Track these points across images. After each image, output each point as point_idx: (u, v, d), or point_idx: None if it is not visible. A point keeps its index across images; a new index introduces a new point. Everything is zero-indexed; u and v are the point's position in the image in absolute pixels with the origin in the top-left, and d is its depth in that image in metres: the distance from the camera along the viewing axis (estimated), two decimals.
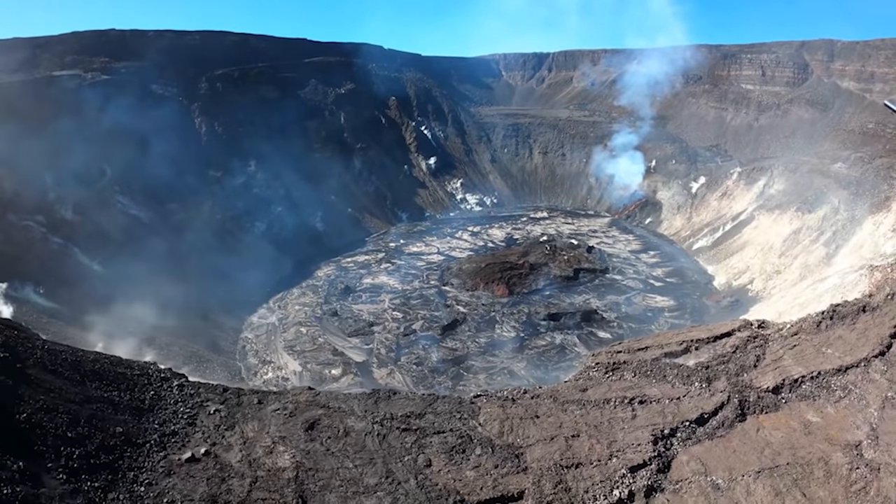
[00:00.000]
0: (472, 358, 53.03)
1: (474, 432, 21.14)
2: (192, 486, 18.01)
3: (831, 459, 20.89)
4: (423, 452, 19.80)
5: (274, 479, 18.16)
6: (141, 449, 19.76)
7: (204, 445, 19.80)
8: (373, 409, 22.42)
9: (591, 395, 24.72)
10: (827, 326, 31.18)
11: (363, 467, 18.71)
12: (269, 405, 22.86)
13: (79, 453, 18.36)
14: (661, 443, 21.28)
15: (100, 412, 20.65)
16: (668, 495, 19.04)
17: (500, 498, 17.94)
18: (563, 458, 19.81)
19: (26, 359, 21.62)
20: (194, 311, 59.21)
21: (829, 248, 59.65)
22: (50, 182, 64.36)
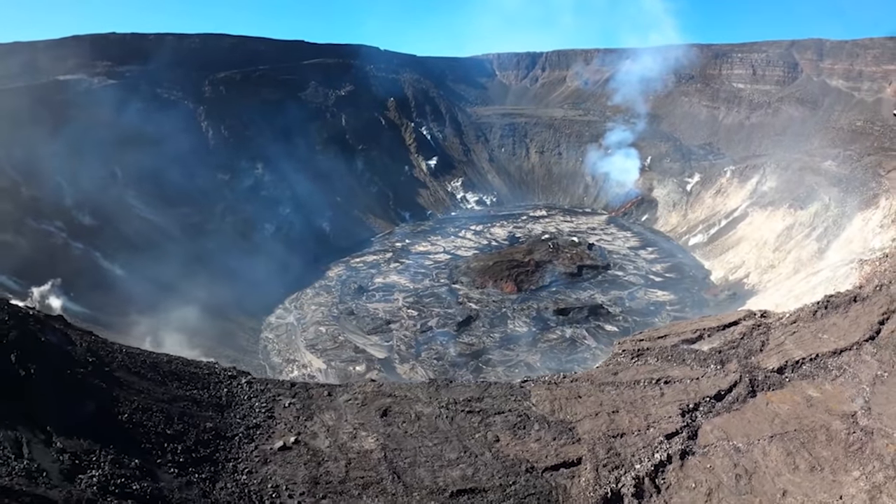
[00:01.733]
0: (490, 352, 56.88)
1: (529, 411, 25.12)
2: (291, 471, 20.87)
3: (831, 426, 25.02)
4: (490, 430, 23.69)
5: (365, 460, 21.49)
6: (231, 442, 22.38)
7: (290, 435, 22.75)
8: (436, 396, 26.29)
9: (622, 377, 28.88)
10: (822, 315, 35.45)
11: (441, 445, 22.49)
12: (339, 396, 26.42)
13: (180, 449, 20.77)
14: (687, 415, 25.40)
15: (188, 410, 23.23)
16: (699, 458, 23.14)
17: (563, 463, 21.86)
18: (609, 430, 23.89)
19: (110, 362, 23.98)
20: (216, 312, 61.70)
21: (820, 244, 63.98)
22: (66, 187, 66.46)
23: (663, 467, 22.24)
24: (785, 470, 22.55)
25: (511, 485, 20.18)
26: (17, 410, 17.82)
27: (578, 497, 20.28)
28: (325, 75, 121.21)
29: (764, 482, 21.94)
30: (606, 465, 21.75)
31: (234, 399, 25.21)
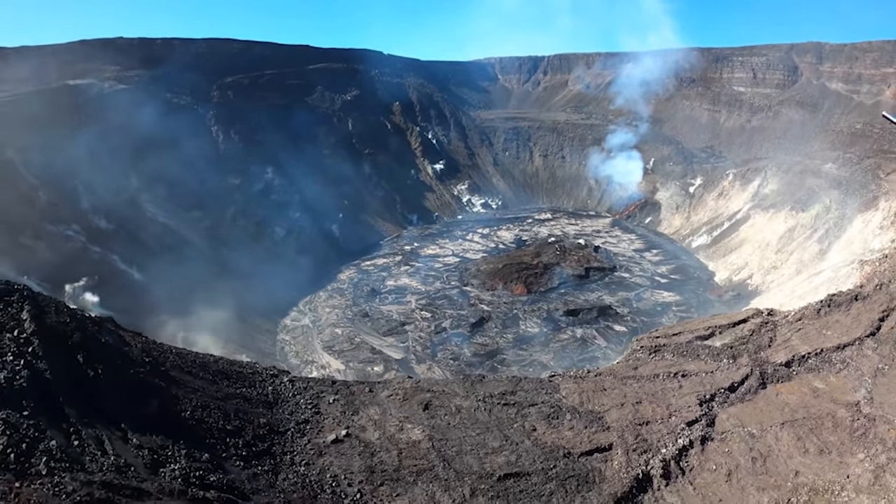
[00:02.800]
0: (504, 352, 59.23)
1: (561, 403, 27.48)
2: (347, 461, 22.66)
3: (837, 414, 27.42)
4: (527, 420, 26.03)
5: (415, 450, 23.51)
6: (285, 436, 23.94)
7: (341, 429, 24.59)
8: (472, 390, 28.61)
9: (642, 371, 31.29)
10: (826, 313, 37.92)
11: (483, 435, 24.79)
12: (380, 392, 28.58)
13: (241, 443, 22.31)
14: (705, 405, 27.78)
15: (241, 407, 24.80)
16: (718, 443, 25.53)
17: (596, 449, 24.19)
18: (635, 419, 26.27)
19: (163, 362, 25.50)
20: (232, 315, 63.17)
21: (822, 245, 66.46)
22: (83, 191, 67.74)
23: (686, 451, 24.62)
24: (796, 453, 24.94)
25: (552, 468, 22.52)
26: (92, 409, 19.18)
27: (613, 478, 22.65)
28: (331, 80, 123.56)
29: (777, 464, 24.33)
30: (636, 449, 24.12)
31: (279, 396, 27.01)
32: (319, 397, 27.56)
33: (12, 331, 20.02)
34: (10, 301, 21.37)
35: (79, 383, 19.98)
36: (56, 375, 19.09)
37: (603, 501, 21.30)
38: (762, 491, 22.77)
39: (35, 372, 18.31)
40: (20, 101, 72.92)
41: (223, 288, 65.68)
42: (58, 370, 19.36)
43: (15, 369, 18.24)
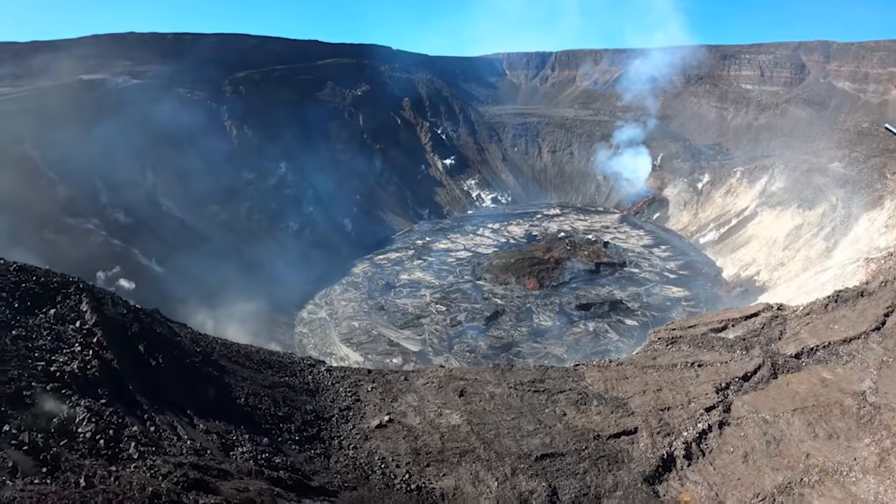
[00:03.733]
0: (519, 345, 61.32)
1: (587, 390, 29.67)
2: (393, 445, 24.48)
3: (844, 402, 29.57)
4: (556, 406, 28.22)
5: (456, 433, 25.57)
6: (330, 422, 25.70)
7: (383, 415, 26.51)
8: (503, 378, 30.79)
9: (660, 361, 33.49)
10: (833, 308, 40.09)
11: (518, 419, 26.93)
12: (415, 381, 30.63)
13: (293, 428, 23.99)
14: (721, 392, 29.96)
15: (287, 395, 26.48)
16: (734, 427, 27.72)
17: (623, 432, 26.37)
18: (657, 405, 28.45)
19: (211, 352, 27.16)
20: (253, 308, 65.00)
21: (828, 243, 68.45)
22: (100, 186, 69.01)
23: (706, 435, 26.81)
24: (807, 437, 27.12)
25: (584, 449, 24.70)
26: (158, 397, 20.67)
27: (640, 458, 24.85)
28: (341, 75, 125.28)
29: (790, 447, 26.51)
30: (659, 432, 26.31)
31: (319, 385, 28.92)
32: (358, 385, 29.53)
33: (74, 322, 21.30)
34: (67, 293, 22.78)
35: (143, 372, 21.53)
36: (122, 365, 20.40)
37: (633, 479, 23.48)
38: (776, 471, 24.93)
39: (104, 361, 19.43)
40: (37, 97, 74.17)
41: (241, 282, 67.53)
42: (123, 360, 20.70)
43: (85, 359, 19.10)
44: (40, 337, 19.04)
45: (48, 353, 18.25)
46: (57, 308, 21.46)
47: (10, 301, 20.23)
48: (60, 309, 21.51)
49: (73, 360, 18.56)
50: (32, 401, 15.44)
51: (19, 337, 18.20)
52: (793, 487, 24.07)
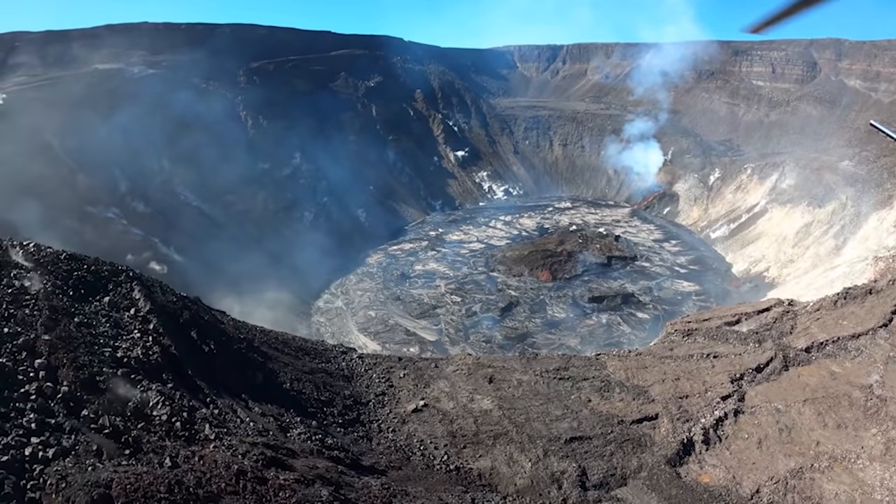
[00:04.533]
0: (533, 336, 63.18)
1: (609, 378, 31.53)
2: (430, 428, 26.09)
3: (852, 395, 31.36)
4: (581, 393, 30.07)
5: (488, 417, 27.31)
6: (367, 406, 27.23)
7: (417, 400, 28.19)
8: (529, 366, 32.65)
9: (677, 352, 35.35)
10: (842, 304, 41.80)
11: (546, 405, 28.77)
12: (445, 368, 32.41)
13: (336, 412, 25.45)
14: (735, 383, 31.77)
15: (326, 380, 27.95)
16: (748, 415, 29.54)
17: (645, 418, 28.20)
18: (676, 393, 30.31)
19: (252, 339, 28.51)
20: (270, 298, 66.58)
21: (837, 241, 70.05)
22: (119, 175, 70.43)
23: (722, 422, 28.64)
24: (817, 426, 28.95)
25: (610, 433, 26.58)
26: (214, 382, 21.66)
27: (661, 442, 26.72)
28: (354, 66, 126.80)
29: (801, 435, 28.34)
30: (679, 418, 28.17)
31: (354, 371, 30.51)
32: (390, 372, 31.27)
33: (129, 309, 22.05)
34: (118, 281, 23.49)
35: (197, 358, 22.60)
36: (179, 351, 21.34)
37: (656, 461, 25.36)
38: (789, 457, 26.77)
39: (163, 348, 20.21)
40: (55, 86, 75.58)
41: (258, 271, 69.16)
42: (179, 346, 21.63)
43: (146, 345, 19.84)
44: (100, 324, 19.67)
45: (110, 339, 19.02)
46: (111, 296, 22.24)
47: (65, 289, 20.75)
48: (114, 297, 22.27)
49: (136, 347, 19.41)
50: (106, 386, 16.09)
51: (82, 324, 18.77)
52: (804, 472, 25.88)
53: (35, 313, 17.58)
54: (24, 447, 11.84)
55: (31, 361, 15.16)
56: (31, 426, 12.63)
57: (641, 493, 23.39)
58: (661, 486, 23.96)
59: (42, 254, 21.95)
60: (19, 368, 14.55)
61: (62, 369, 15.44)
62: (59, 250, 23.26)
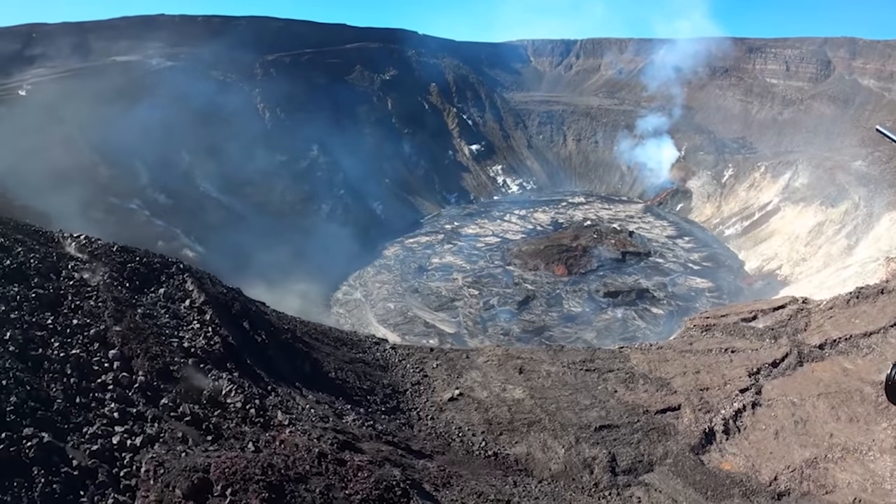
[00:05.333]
0: (550, 329, 65.00)
1: (633, 370, 33.33)
2: (466, 416, 27.56)
3: (864, 390, 33.09)
4: (607, 384, 31.87)
5: (521, 406, 28.86)
6: (405, 395, 28.51)
7: (452, 389, 29.67)
8: (556, 358, 34.45)
9: (696, 346, 37.15)
10: (854, 303, 43.46)
11: (575, 395, 30.56)
12: (476, 358, 34.15)
13: (378, 400, 26.76)
14: (753, 376, 33.54)
15: (364, 370, 29.18)
16: (765, 408, 31.34)
17: (668, 408, 29.97)
18: (697, 385, 32.11)
19: (293, 329, 29.54)
20: (290, 289, 67.52)
21: (850, 241, 71.56)
22: (140, 167, 71.78)
23: (741, 413, 30.44)
24: (830, 419, 30.73)
25: (636, 422, 28.41)
26: (269, 371, 22.43)
27: (685, 432, 28.55)
28: (369, 59, 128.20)
29: (815, 427, 30.13)
30: (700, 409, 29.99)
31: (388, 361, 31.88)
32: (423, 362, 32.87)
33: (184, 300, 22.77)
34: (170, 273, 24.36)
35: (251, 348, 23.52)
36: (236, 341, 22.02)
37: (680, 449, 27.20)
38: (804, 447, 28.57)
39: (222, 338, 20.91)
40: (74, 77, 76.93)
41: (277, 262, 70.05)
42: (235, 336, 22.28)
43: (207, 335, 20.59)
44: (160, 315, 20.43)
45: (172, 329, 19.80)
46: (165, 287, 23.07)
47: (122, 281, 21.31)
48: (168, 288, 23.05)
49: (198, 337, 20.21)
50: (181, 375, 16.68)
51: (146, 315, 19.41)
52: (818, 462, 27.68)
53: (100, 305, 18.17)
54: (111, 436, 12.29)
55: (105, 352, 15.64)
56: (113, 415, 13.13)
57: (667, 479, 25.23)
58: (685, 472, 25.81)
59: (94, 245, 22.68)
60: (94, 359, 15.00)
61: (136, 359, 16.07)
62: (111, 242, 23.96)
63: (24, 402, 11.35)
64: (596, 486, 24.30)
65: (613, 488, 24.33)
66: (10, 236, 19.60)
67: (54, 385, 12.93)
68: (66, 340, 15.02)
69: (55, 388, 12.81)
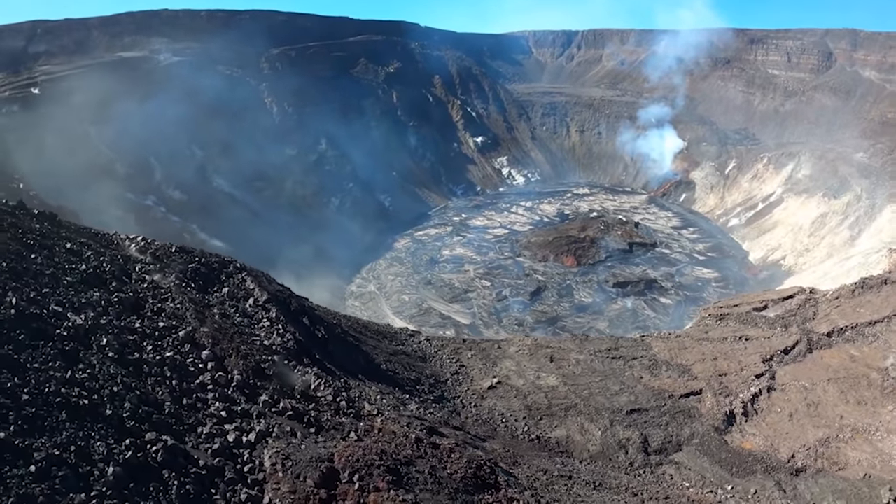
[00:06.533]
0: (563, 319, 67.49)
1: (656, 357, 35.93)
2: (506, 402, 29.90)
3: (870, 376, 35.74)
4: (633, 370, 34.45)
5: (556, 392, 31.39)
6: (446, 385, 30.53)
7: (490, 378, 31.97)
8: (582, 347, 37.02)
9: (712, 335, 39.78)
10: (859, 293, 46.09)
11: (604, 381, 33.12)
12: (508, 348, 36.67)
13: (426, 389, 28.75)
14: (767, 363, 36.18)
15: (407, 361, 31.18)
16: (779, 392, 33.98)
17: (691, 393, 32.57)
18: (715, 371, 34.75)
19: (339, 323, 31.43)
20: (320, 284, 69.89)
21: (852, 231, 74.07)
22: (154, 163, 73.50)
23: (757, 397, 33.08)
24: (840, 402, 33.37)
25: (663, 406, 31.02)
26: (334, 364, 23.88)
27: (707, 414, 31.18)
28: (373, 52, 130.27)
29: (826, 410, 32.78)
30: (721, 393, 32.62)
31: (425, 353, 33.98)
32: (458, 353, 35.23)
33: (246, 299, 23.91)
34: (229, 272, 25.83)
35: (314, 342, 24.88)
36: (303, 337, 23.30)
37: (705, 430, 29.86)
38: (817, 428, 31.22)
39: (292, 334, 22.12)
40: (84, 75, 77.51)
41: (292, 255, 71.79)
42: (300, 332, 23.54)
43: (279, 332, 21.63)
44: (232, 314, 21.55)
45: (247, 328, 20.92)
46: (228, 287, 24.35)
47: (188, 282, 22.21)
48: (230, 288, 24.30)
49: (271, 334, 21.30)
50: (272, 372, 17.72)
51: (223, 315, 20.50)
52: (831, 442, 30.33)
53: (178, 307, 19.10)
54: (225, 434, 12.95)
55: (197, 353, 16.40)
56: (220, 414, 13.76)
57: (695, 458, 27.88)
58: (711, 451, 28.47)
59: (153, 247, 23.99)
60: (188, 361, 15.75)
61: (228, 359, 16.98)
62: (168, 243, 25.48)
63: (138, 407, 11.93)
64: (631, 465, 26.93)
65: (647, 467, 26.97)
66: (75, 240, 20.80)
67: (159, 388, 13.59)
68: (157, 343, 15.84)
69: (161, 392, 13.47)
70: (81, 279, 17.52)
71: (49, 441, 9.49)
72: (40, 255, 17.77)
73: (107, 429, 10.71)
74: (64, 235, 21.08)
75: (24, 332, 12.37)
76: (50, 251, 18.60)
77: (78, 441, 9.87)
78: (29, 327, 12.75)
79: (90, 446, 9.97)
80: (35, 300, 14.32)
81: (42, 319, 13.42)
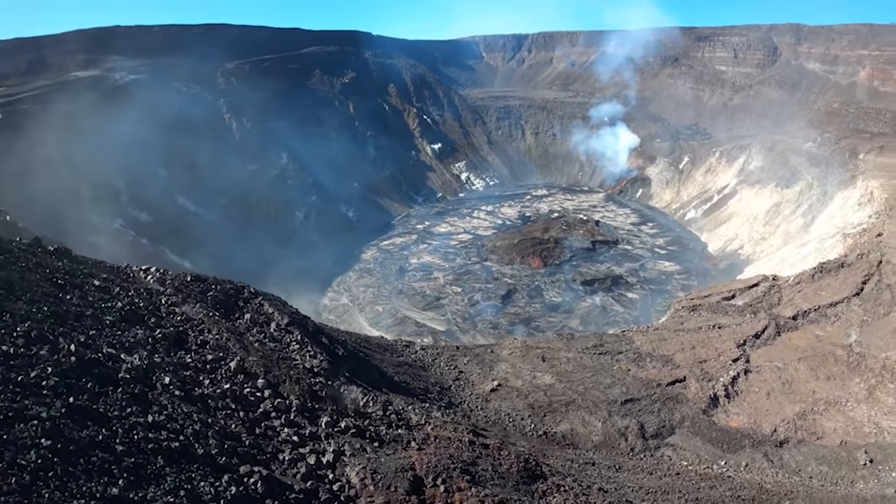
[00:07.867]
0: (536, 319, 69.49)
1: (639, 350, 38.39)
2: (510, 403, 31.80)
3: (836, 353, 38.76)
4: (620, 364, 36.80)
5: (554, 390, 33.52)
6: (450, 391, 32.15)
7: (490, 381, 33.87)
8: (570, 345, 39.30)
9: (687, 325, 42.49)
10: (818, 278, 49.41)
11: (596, 375, 35.41)
12: (501, 351, 38.74)
13: (434, 396, 30.14)
14: (741, 348, 38.98)
15: (411, 371, 32.67)
16: (755, 374, 36.71)
17: (676, 381, 35.05)
18: (695, 359, 37.34)
19: (345, 340, 32.11)
20: (305, 298, 70.68)
21: (806, 219, 77.88)
22: (119, 185, 72.60)
23: (736, 380, 35.76)
24: (811, 379, 36.24)
25: (653, 394, 33.40)
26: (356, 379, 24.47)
27: (694, 398, 33.67)
28: (327, 63, 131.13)
29: (800, 386, 35.60)
30: (703, 378, 35.18)
31: (424, 362, 35.52)
32: (454, 360, 36.99)
33: (268, 324, 24.77)
34: (245, 298, 26.70)
35: (337, 360, 25.84)
36: (329, 356, 24.28)
37: (694, 413, 32.32)
38: (793, 404, 33.97)
39: (322, 355, 23.10)
40: (42, 96, 76.30)
41: (261, 271, 71.86)
42: (326, 352, 24.55)
43: (311, 354, 22.63)
44: (264, 340, 22.24)
45: (282, 352, 21.60)
46: (249, 313, 25.21)
47: (208, 309, 22.74)
48: (251, 313, 25.16)
49: (305, 356, 22.13)
50: (324, 393, 18.51)
51: (257, 341, 21.11)
52: (807, 415, 33.10)
53: (218, 337, 19.66)
54: (304, 458, 13.63)
55: (252, 382, 16.95)
56: (293, 439, 14.36)
57: (689, 439, 30.32)
58: (702, 431, 30.94)
59: (170, 278, 24.59)
60: (244, 391, 16.24)
61: (282, 385, 17.55)
62: (183, 273, 26.25)
63: (222, 442, 12.29)
64: (632, 451, 29.21)
65: (647, 451, 29.28)
66: (97, 276, 21.09)
67: (231, 421, 13.96)
68: (211, 377, 16.29)
69: (235, 424, 13.85)
70: (121, 317, 17.92)
71: (158, 489, 9.76)
72: (74, 294, 17.90)
73: (203, 468, 11.10)
74: (87, 272, 21.38)
75: (90, 380, 12.25)
76: (81, 290, 18.83)
77: (184, 485, 10.25)
78: (92, 374, 12.65)
79: (196, 488, 10.37)
80: (87, 344, 14.33)
81: (102, 364, 13.40)
